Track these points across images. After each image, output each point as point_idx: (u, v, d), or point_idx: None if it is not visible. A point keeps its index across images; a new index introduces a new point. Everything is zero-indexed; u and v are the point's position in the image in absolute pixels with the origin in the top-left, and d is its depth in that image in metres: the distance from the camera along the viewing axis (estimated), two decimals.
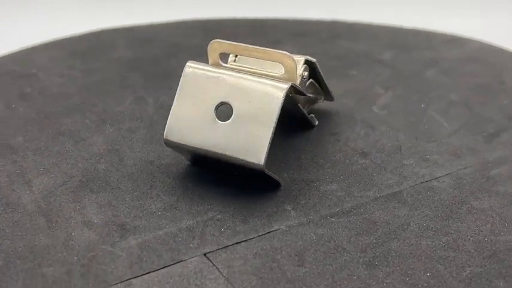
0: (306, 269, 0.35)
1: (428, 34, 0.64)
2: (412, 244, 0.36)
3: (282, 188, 0.41)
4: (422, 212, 0.39)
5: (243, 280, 0.34)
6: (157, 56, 0.60)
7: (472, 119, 0.48)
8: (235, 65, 0.42)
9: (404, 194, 0.40)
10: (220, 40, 0.41)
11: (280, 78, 0.40)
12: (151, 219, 0.38)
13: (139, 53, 0.61)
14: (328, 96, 0.48)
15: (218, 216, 0.38)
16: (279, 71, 0.41)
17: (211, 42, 0.41)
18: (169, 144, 0.40)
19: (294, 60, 0.39)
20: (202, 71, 0.40)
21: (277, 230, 0.37)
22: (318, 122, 0.47)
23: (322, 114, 0.48)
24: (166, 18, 0.68)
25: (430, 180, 0.42)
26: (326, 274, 0.34)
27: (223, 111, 0.39)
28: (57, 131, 0.47)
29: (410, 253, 0.36)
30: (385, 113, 0.49)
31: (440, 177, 0.42)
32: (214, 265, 0.35)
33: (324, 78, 0.46)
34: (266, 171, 0.38)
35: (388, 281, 0.34)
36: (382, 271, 0.34)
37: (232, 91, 0.39)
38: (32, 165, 0.43)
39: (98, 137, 0.46)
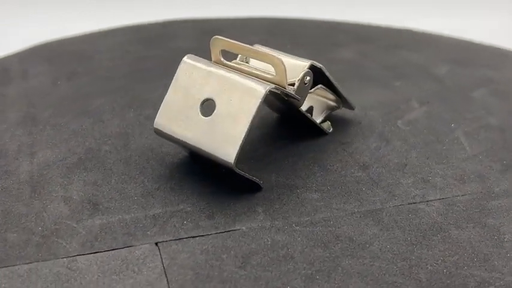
0: (245, 272, 0.34)
1: (497, 51, 0.60)
2: (364, 264, 0.35)
3: (263, 189, 0.40)
4: (393, 233, 0.37)
5: (179, 273, 0.34)
6: None
7: (499, 145, 0.45)
8: (235, 63, 0.42)
9: (384, 213, 0.39)
10: (220, 37, 0.41)
11: (270, 81, 0.40)
12: (125, 202, 0.39)
13: (199, 45, 0.62)
14: (346, 104, 0.47)
15: (188, 208, 0.39)
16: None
17: (213, 38, 0.41)
18: (158, 133, 0.41)
19: (282, 63, 0.39)
20: (196, 66, 0.41)
21: (238, 230, 0.37)
22: (334, 130, 0.46)
23: (342, 123, 0.47)
24: (237, 13, 0.69)
25: (419, 202, 0.39)
26: (261, 280, 0.34)
27: (210, 107, 0.39)
28: (84, 111, 0.49)
29: (358, 273, 0.34)
30: (407, 129, 0.47)
31: (431, 200, 0.40)
32: (159, 254, 0.35)
33: (337, 85, 0.45)
34: (236, 170, 0.38)
35: None
36: (319, 286, 0.33)
37: (217, 88, 0.39)
38: (44, 139, 0.46)
39: (116, 119, 0.48)
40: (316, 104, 0.47)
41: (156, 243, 0.36)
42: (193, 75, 0.40)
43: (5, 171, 0.42)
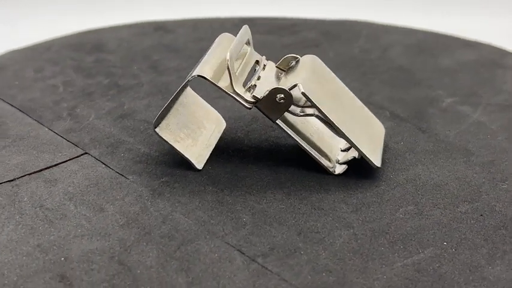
0: (66, 201, 0.40)
1: None
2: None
3: (203, 173, 0.42)
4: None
5: (54, 171, 0.43)
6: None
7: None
8: (259, 58, 0.43)
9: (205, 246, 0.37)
10: (247, 26, 0.43)
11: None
12: (127, 132, 0.47)
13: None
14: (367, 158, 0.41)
15: (152, 154, 0.44)
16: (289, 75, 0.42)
17: (244, 26, 0.44)
18: None
19: (227, 64, 0.39)
20: (215, 43, 0.44)
21: (129, 179, 0.42)
22: (346, 182, 0.42)
23: (362, 178, 0.42)
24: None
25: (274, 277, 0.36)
26: (60, 230, 0.38)
27: None
28: None
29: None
30: (401, 217, 0.39)
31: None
32: (70, 159, 0.44)
33: (336, 125, 0.40)
34: (156, 133, 0.42)
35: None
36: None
37: (204, 63, 0.42)
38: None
39: None
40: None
41: (85, 153, 0.45)
42: (211, 50, 0.44)
43: (111, 73, 0.55)
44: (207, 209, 0.39)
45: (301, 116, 0.41)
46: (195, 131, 0.44)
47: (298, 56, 0.44)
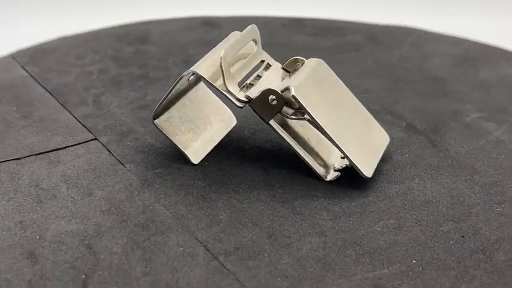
0: (59, 182, 0.42)
1: None
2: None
3: (198, 168, 0.43)
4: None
5: (62, 153, 0.45)
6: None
7: None
8: (262, 57, 0.44)
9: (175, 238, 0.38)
10: (255, 26, 0.44)
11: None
12: (140, 121, 0.49)
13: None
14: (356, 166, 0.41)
15: (149, 140, 0.46)
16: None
17: (251, 25, 0.44)
18: None
19: (220, 62, 0.40)
20: (225, 43, 0.45)
21: (126, 168, 0.44)
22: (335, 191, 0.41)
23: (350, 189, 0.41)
24: None
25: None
26: (45, 210, 0.39)
27: None
28: None
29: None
30: (378, 229, 0.38)
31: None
32: (79, 143, 0.46)
33: (329, 133, 0.40)
34: (155, 124, 0.43)
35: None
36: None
37: (204, 60, 0.43)
38: None
39: None
40: None
41: (95, 138, 0.47)
42: (215, 47, 0.44)
43: (145, 64, 0.56)
44: (189, 203, 0.40)
45: (293, 118, 0.41)
46: (199, 126, 0.45)
47: (303, 58, 0.43)
